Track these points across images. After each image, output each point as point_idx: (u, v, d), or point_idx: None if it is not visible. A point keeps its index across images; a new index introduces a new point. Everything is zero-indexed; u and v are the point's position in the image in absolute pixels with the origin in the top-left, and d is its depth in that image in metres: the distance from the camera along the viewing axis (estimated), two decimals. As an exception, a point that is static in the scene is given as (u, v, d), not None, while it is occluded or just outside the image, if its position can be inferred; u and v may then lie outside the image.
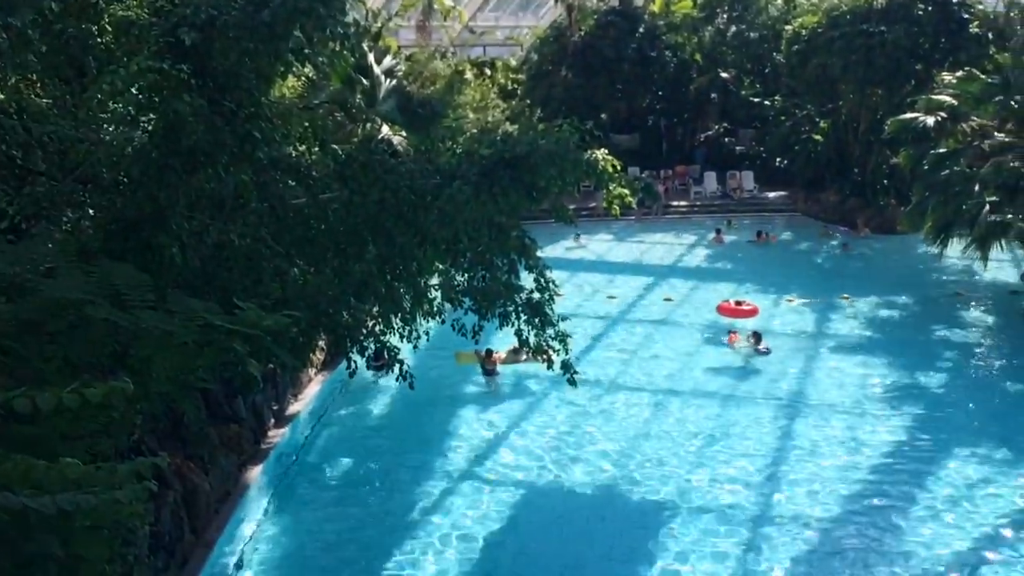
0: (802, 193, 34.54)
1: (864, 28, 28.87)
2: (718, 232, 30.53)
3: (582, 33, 37.90)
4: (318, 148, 12.25)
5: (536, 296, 12.12)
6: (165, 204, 9.10)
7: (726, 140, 39.28)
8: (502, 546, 11.60)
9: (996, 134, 20.88)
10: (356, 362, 12.58)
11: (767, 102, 37.88)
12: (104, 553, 5.09)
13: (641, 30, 37.67)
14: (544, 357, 12.45)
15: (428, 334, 13.13)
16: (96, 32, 10.21)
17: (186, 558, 10.39)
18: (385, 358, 14.26)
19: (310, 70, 14.83)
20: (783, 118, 36.15)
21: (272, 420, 14.44)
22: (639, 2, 40.18)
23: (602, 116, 36.96)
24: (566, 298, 18.98)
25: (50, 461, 4.51)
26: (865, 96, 30.56)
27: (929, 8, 28.63)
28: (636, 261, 28.74)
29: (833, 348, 18.97)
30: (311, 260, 11.12)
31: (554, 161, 11.38)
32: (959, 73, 23.30)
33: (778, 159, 36.14)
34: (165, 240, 8.92)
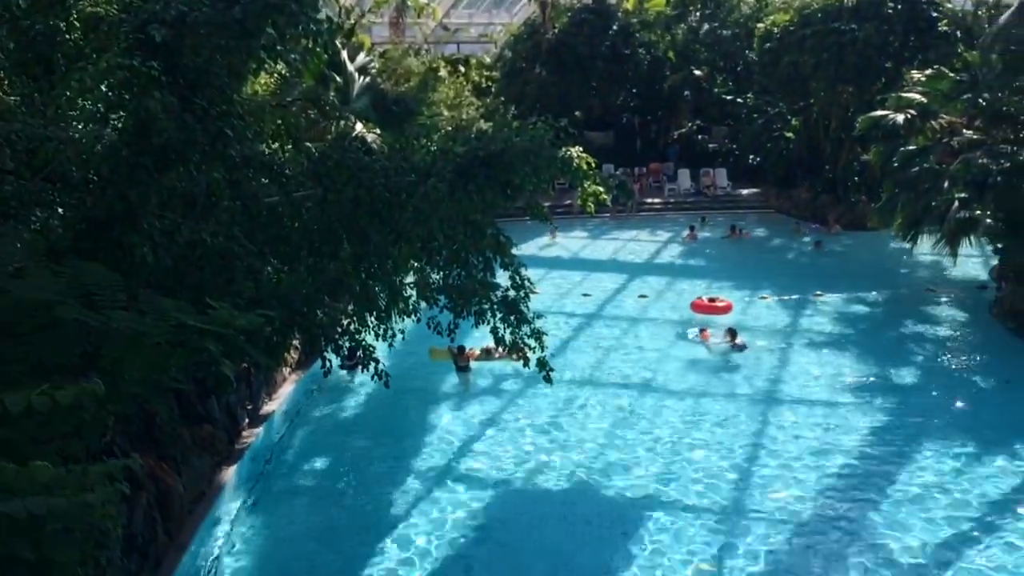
0: (774, 190, 34.84)
1: (835, 26, 29.14)
2: (692, 229, 30.71)
3: (556, 30, 37.95)
4: (291, 146, 12.20)
5: (511, 294, 12.13)
6: (136, 203, 9.00)
7: (699, 137, 39.52)
8: (479, 544, 11.59)
9: (965, 131, 21.14)
10: (331, 361, 12.54)
11: (740, 100, 38.16)
12: (76, 556, 5.03)
13: (615, 27, 37.80)
14: (520, 355, 12.47)
15: (403, 332, 13.10)
16: (64, 28, 10.08)
17: (160, 560, 10.28)
18: (357, 356, 14.23)
19: (283, 67, 14.73)
20: (755, 116, 36.44)
21: (246, 420, 14.33)
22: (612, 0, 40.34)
23: (576, 113, 37.08)
24: (541, 296, 19.01)
25: (20, 464, 4.45)
26: (836, 94, 30.85)
27: (899, 7, 28.96)
28: (611, 258, 28.83)
29: (806, 344, 19.14)
30: (285, 259, 11.06)
31: (529, 159, 11.41)
32: (928, 71, 23.57)
33: (751, 156, 36.45)
34: (136, 239, 8.82)
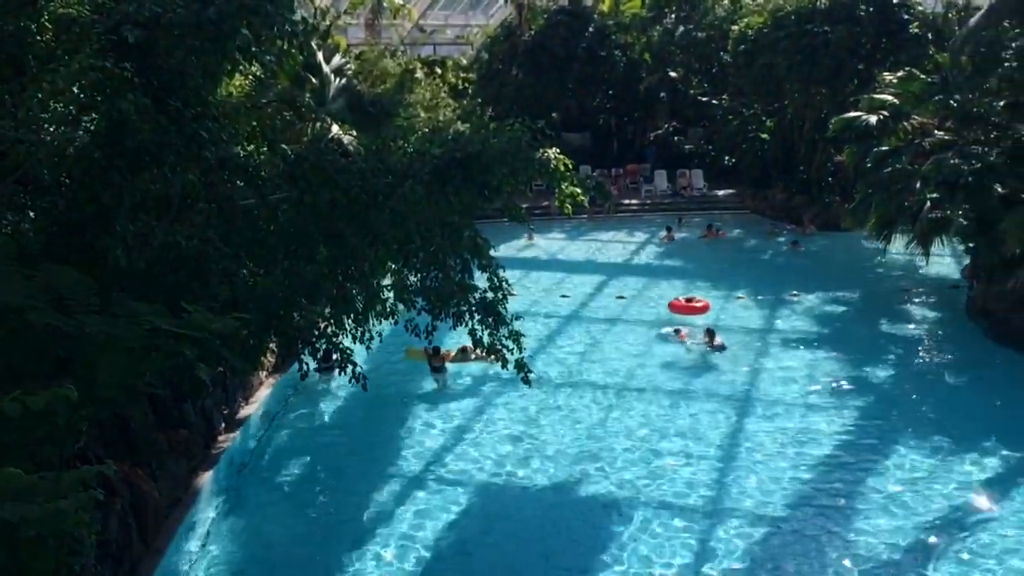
0: (750, 191, 35.07)
1: (808, 28, 29.36)
2: (669, 230, 30.86)
3: (532, 32, 38.01)
4: (267, 148, 12.12)
5: (489, 296, 12.12)
6: (109, 205, 8.92)
7: (675, 139, 39.70)
8: (458, 546, 11.57)
9: (936, 132, 21.38)
10: (308, 364, 12.48)
11: (715, 101, 38.37)
12: (50, 563, 4.98)
13: (591, 29, 37.91)
14: (498, 356, 12.47)
15: (381, 335, 13.05)
16: (36, 30, 9.95)
17: (135, 566, 10.18)
18: (332, 360, 14.20)
19: (258, 68, 14.64)
20: (731, 117, 36.67)
21: (222, 424, 14.22)
22: (589, 2, 40.44)
23: (553, 115, 37.13)
24: (519, 297, 19.03)
25: (-9, 471, 4.40)
26: (810, 95, 31.09)
27: (870, 9, 29.23)
28: (589, 259, 28.89)
29: (782, 343, 19.28)
30: (261, 261, 10.99)
31: (506, 160, 11.42)
32: (900, 73, 23.83)
33: (726, 157, 36.68)
34: (109, 242, 8.74)
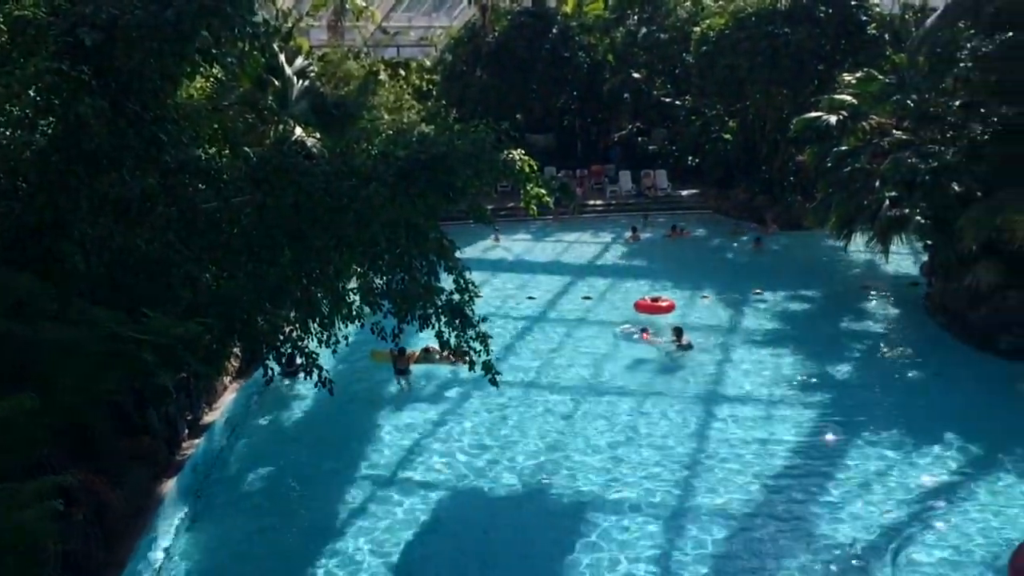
0: (713, 191, 35.36)
1: (769, 30, 29.68)
2: (634, 230, 31.02)
3: (496, 34, 37.99)
4: (228, 150, 11.98)
5: (456, 297, 12.10)
6: (67, 210, 8.78)
7: (639, 139, 39.93)
8: (427, 549, 11.53)
9: (894, 132, 21.74)
10: (273, 369, 12.37)
11: (678, 102, 38.67)
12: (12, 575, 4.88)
13: (554, 31, 37.98)
14: (464, 358, 12.44)
15: (347, 338, 12.97)
16: (-11, 31, 9.77)
17: (98, 577, 10.03)
18: (296, 364, 14.07)
19: (219, 70, 14.50)
20: (694, 118, 36.98)
21: (186, 430, 14.04)
22: (552, 3, 40.53)
23: (517, 116, 37.15)
24: (486, 299, 18.98)
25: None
26: (771, 96, 31.42)
27: (830, 10, 29.61)
28: (555, 260, 28.95)
29: (746, 342, 19.47)
30: (224, 265, 10.86)
31: (471, 162, 11.41)
32: (859, 73, 24.19)
33: (690, 158, 36.96)
34: (67, 247, 8.59)
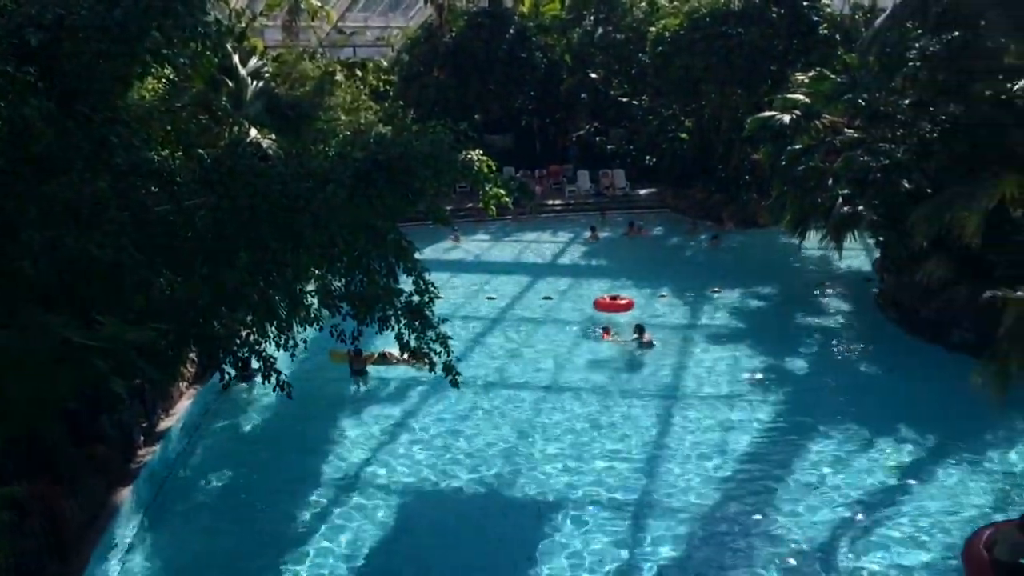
0: (671, 190, 35.66)
1: (723, 30, 30.00)
2: (593, 230, 31.17)
3: (453, 34, 37.94)
4: (182, 152, 11.79)
5: (415, 299, 12.05)
6: (14, 214, 8.56)
7: (597, 139, 40.12)
8: (388, 552, 11.48)
9: (846, 130, 22.08)
10: (229, 374, 12.21)
11: (635, 102, 38.92)
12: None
13: (511, 31, 38.02)
14: (424, 360, 12.39)
15: (306, 341, 12.84)
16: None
17: (52, 589, 9.81)
18: (252, 368, 13.92)
19: (171, 71, 14.26)
20: (650, 117, 37.25)
21: (141, 438, 13.80)
22: (509, 3, 40.55)
23: (475, 117, 37.10)
24: (446, 300, 18.92)
25: None
26: (726, 96, 31.78)
27: (782, 11, 30.04)
28: (514, 260, 29.00)
29: (705, 339, 19.66)
30: (178, 269, 10.67)
31: (429, 162, 11.36)
32: (811, 73, 24.53)
33: (647, 157, 37.22)
34: (16, 252, 8.38)
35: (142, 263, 9.70)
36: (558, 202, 36.29)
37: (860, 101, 21.83)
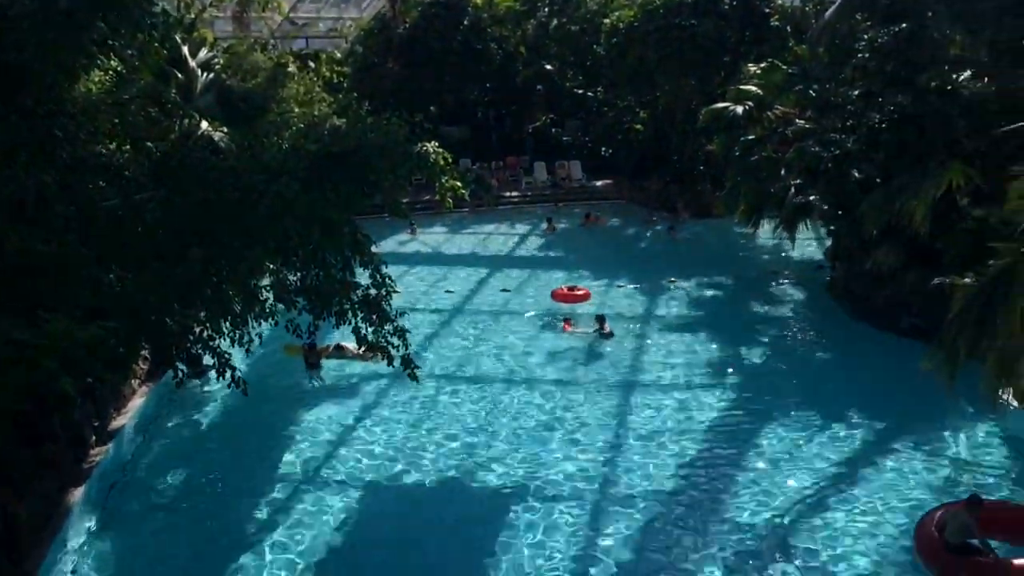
0: (627, 181, 35.88)
1: (676, 22, 30.21)
2: (549, 221, 31.24)
3: (407, 25, 37.66)
4: (130, 146, 11.53)
5: (372, 292, 11.97)
6: (-45, 211, 8.32)
7: (553, 131, 40.20)
8: (349, 547, 11.39)
9: (797, 121, 22.40)
10: (183, 371, 12.02)
11: (590, 93, 39.04)
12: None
13: (466, 22, 37.87)
14: (382, 353, 12.31)
15: (260, 336, 12.68)
16: None
17: (2, 593, 9.59)
18: (203, 365, 13.73)
19: (118, 63, 13.94)
20: (606, 109, 37.41)
21: (93, 437, 13.51)
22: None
23: (431, 109, 36.91)
24: (404, 293, 18.86)
25: None
26: (680, 87, 32.01)
27: (734, 3, 30.34)
28: (472, 253, 28.96)
29: (662, 329, 19.84)
30: (128, 265, 10.45)
31: (384, 154, 11.29)
32: (763, 64, 24.83)
33: (603, 148, 37.39)
34: (-43, 250, 8.15)
35: (90, 260, 9.50)
36: (515, 194, 36.30)
37: (811, 92, 22.14)
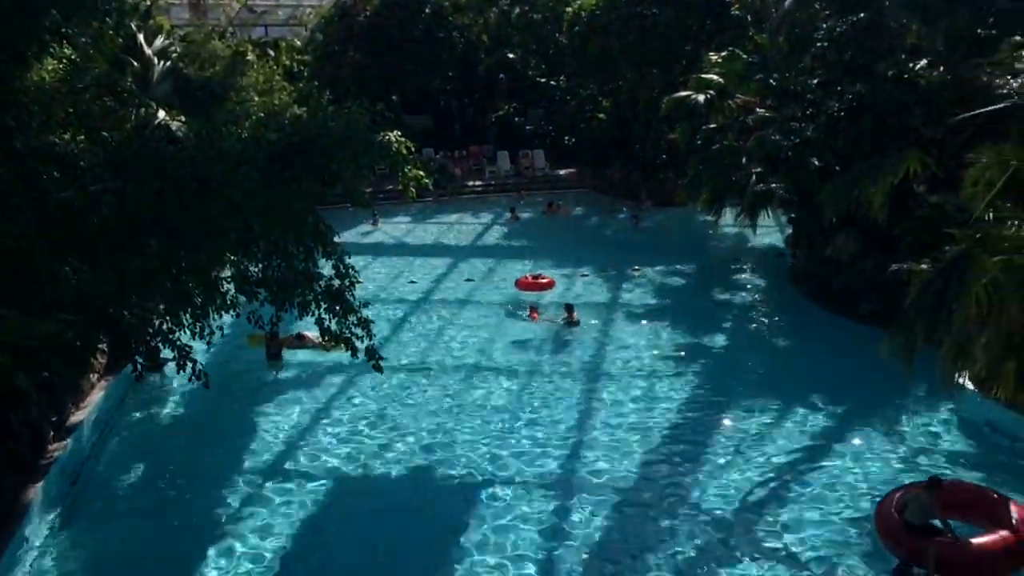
0: (590, 170, 35.97)
1: (638, 11, 30.29)
2: (512, 210, 31.25)
3: (368, 13, 37.30)
4: (85, 136, 11.29)
5: (336, 283, 11.87)
6: (-97, 203, 8.09)
7: (516, 120, 40.14)
8: (314, 540, 11.31)
9: (758, 109, 22.58)
10: (142, 364, 11.83)
11: (553, 82, 39.01)
12: None
13: (427, 10, 37.61)
14: (346, 344, 12.23)
15: (222, 329, 12.53)
16: None
17: (-42, 593, 9.40)
18: (161, 358, 13.53)
19: (72, 51, 13.66)
20: (569, 98, 37.40)
21: (51, 432, 13.27)
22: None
23: (393, 97, 36.64)
24: (367, 284, 18.75)
25: None
26: (642, 76, 32.11)
27: (695, -9, 30.48)
28: (436, 242, 28.89)
29: (626, 317, 19.96)
30: (84, 258, 10.25)
31: (346, 144, 11.17)
32: (724, 53, 24.97)
33: (566, 137, 37.42)
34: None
35: (45, 252, 9.31)
36: (478, 183, 36.24)
37: (771, 81, 22.31)
